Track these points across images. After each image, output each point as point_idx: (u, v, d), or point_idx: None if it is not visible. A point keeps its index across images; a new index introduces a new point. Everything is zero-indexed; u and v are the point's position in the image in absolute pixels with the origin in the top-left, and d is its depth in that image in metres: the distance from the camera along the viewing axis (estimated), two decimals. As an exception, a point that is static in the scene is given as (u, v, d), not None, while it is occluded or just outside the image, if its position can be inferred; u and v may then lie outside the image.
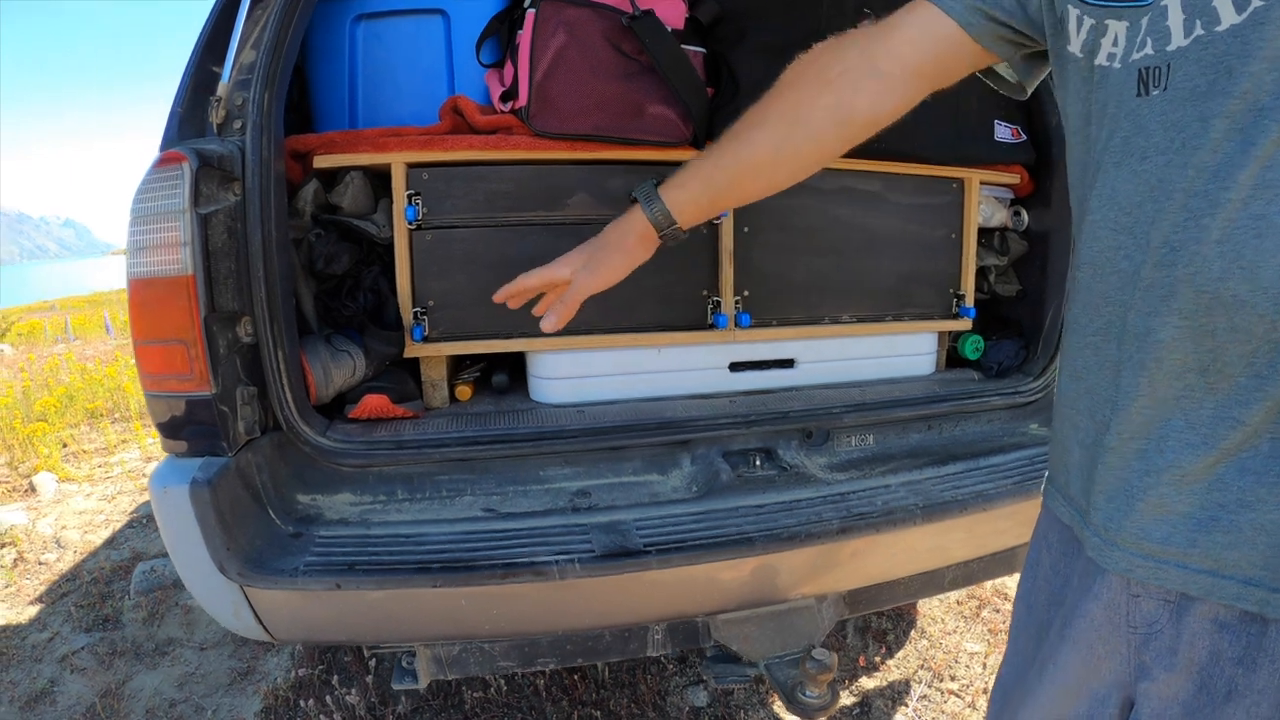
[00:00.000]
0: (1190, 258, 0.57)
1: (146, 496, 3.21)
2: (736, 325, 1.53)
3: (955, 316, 1.70)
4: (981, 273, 1.72)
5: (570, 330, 1.50)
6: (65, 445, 3.77)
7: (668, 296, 1.54)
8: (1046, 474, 0.82)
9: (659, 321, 1.53)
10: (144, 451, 3.68)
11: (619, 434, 1.43)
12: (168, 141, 1.31)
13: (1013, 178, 1.70)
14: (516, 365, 1.66)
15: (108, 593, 2.48)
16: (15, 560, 2.74)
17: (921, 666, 1.96)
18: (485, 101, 1.62)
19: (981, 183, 1.67)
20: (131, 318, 1.24)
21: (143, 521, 2.97)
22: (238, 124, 1.31)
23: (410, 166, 1.43)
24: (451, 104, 1.49)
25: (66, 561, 2.72)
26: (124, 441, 3.89)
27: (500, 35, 1.60)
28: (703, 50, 1.50)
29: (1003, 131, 1.65)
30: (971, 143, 1.61)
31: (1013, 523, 1.48)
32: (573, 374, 1.52)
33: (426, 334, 1.46)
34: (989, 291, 1.77)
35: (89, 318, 10.95)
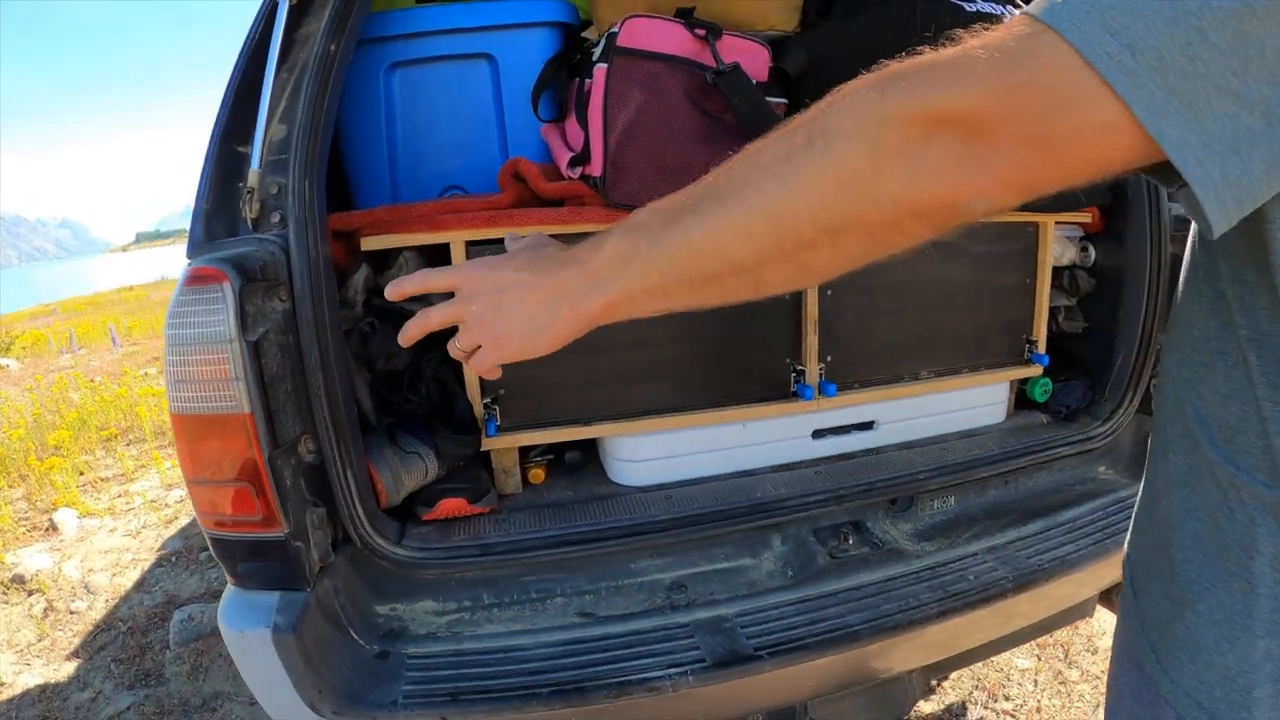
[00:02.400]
0: None
1: (172, 530, 2.95)
2: (822, 394, 1.33)
3: (1028, 363, 1.52)
4: (1050, 313, 1.55)
5: (651, 412, 1.31)
6: (81, 473, 3.45)
7: (748, 368, 1.34)
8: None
9: (741, 395, 1.33)
10: (163, 478, 3.38)
11: (710, 522, 1.24)
12: (195, 246, 1.05)
13: (1085, 217, 1.51)
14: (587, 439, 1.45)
15: (146, 644, 2.24)
16: (45, 610, 2.48)
17: (976, 687, 1.84)
18: (544, 158, 1.37)
19: (1055, 223, 1.49)
20: (181, 455, 1.01)
21: (171, 560, 2.71)
22: (275, 217, 1.06)
23: (471, 244, 1.20)
24: (513, 169, 1.25)
25: (98, 609, 2.46)
26: (142, 467, 3.57)
27: (558, 84, 1.35)
28: (785, 102, 1.27)
29: None
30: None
31: (1091, 578, 1.35)
32: (654, 455, 1.32)
33: (500, 426, 1.24)
34: (1056, 330, 1.60)
35: (92, 323, 10.31)
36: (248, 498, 1.00)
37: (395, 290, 0.67)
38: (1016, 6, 1.44)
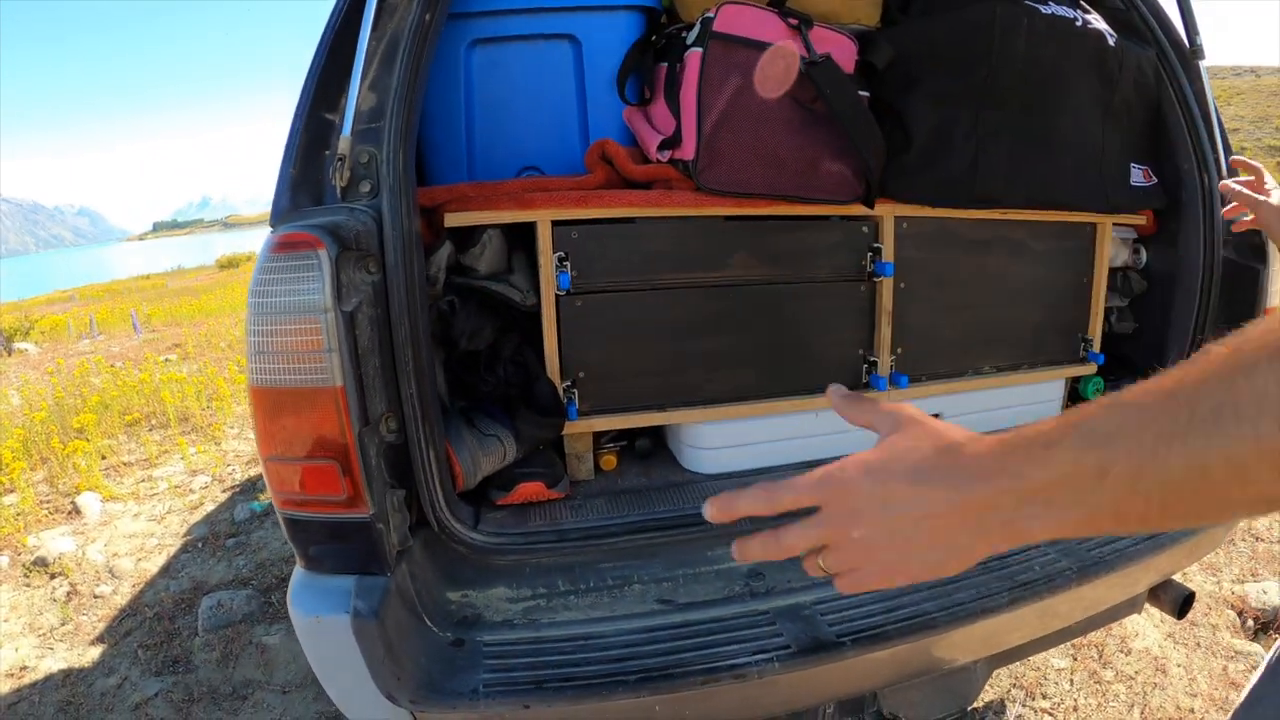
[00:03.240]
0: None
1: (197, 516, 2.85)
2: (894, 386, 1.29)
3: (1083, 361, 1.49)
4: (1104, 314, 1.52)
5: (726, 399, 1.25)
6: (104, 458, 3.33)
7: (822, 358, 1.29)
8: None
9: (814, 384, 1.28)
10: (187, 464, 3.27)
11: (787, 513, 1.18)
12: (280, 213, 0.98)
13: (1140, 219, 1.48)
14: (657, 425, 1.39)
15: (174, 630, 2.15)
16: (69, 594, 2.37)
17: (1014, 685, 1.80)
18: (628, 143, 1.32)
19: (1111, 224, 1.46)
20: (259, 430, 0.93)
21: (197, 545, 2.61)
22: (365, 186, 1.00)
23: (556, 224, 1.14)
24: (600, 150, 1.20)
25: (123, 594, 2.36)
26: (165, 452, 3.45)
27: (642, 68, 1.29)
28: (868, 96, 1.23)
29: (1137, 174, 1.43)
30: (1115, 190, 1.39)
31: (1145, 572, 1.31)
32: (728, 443, 1.27)
33: (579, 410, 1.18)
34: (1108, 330, 1.57)
35: (111, 310, 10.09)
36: (333, 476, 0.93)
37: (719, 513, 0.53)
38: (1086, 11, 1.41)
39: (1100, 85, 1.38)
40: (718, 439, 1.25)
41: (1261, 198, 1.13)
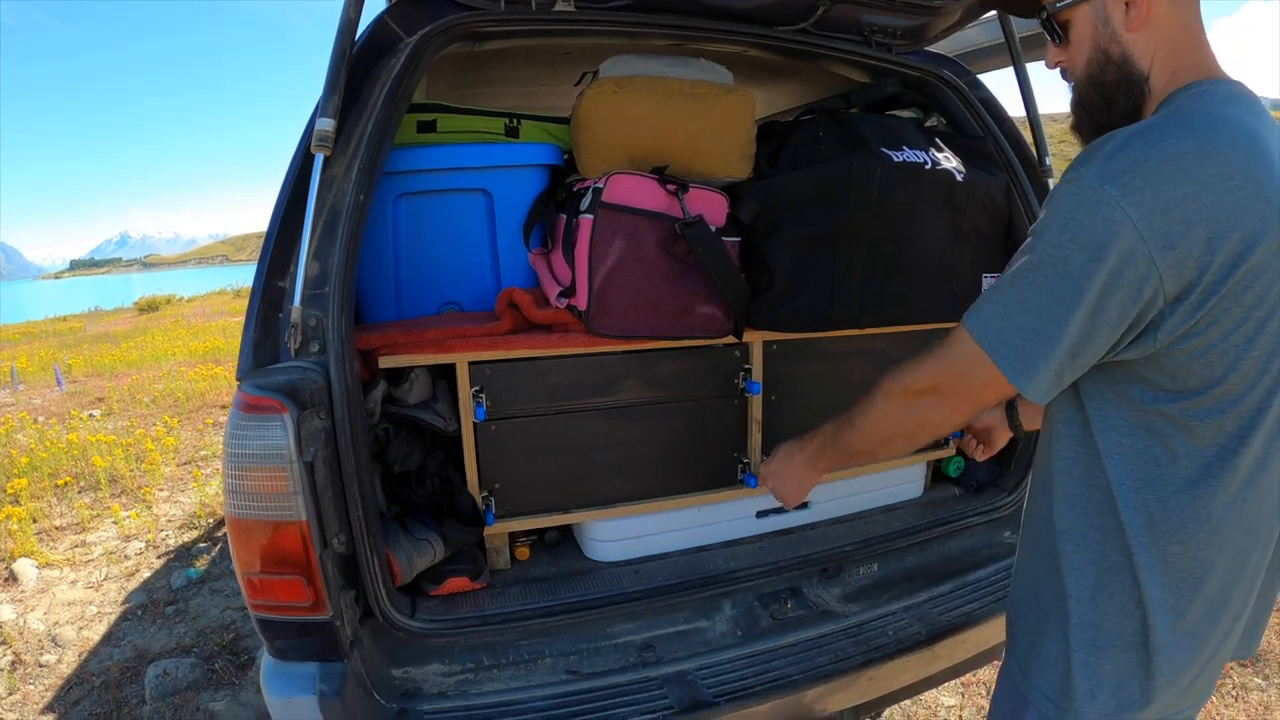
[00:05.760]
0: None
1: (134, 583, 3.18)
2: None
3: (944, 444, 1.94)
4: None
5: (620, 500, 1.67)
6: (35, 520, 3.63)
7: (703, 462, 1.71)
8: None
9: (696, 483, 1.71)
10: (121, 528, 3.59)
11: (672, 592, 1.60)
12: (245, 370, 1.34)
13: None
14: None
15: (122, 699, 2.49)
16: (13, 663, 2.69)
17: (904, 723, 2.25)
18: (528, 282, 1.73)
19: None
20: (235, 551, 1.29)
21: (137, 613, 2.95)
22: (315, 347, 1.36)
23: (472, 364, 1.54)
24: (508, 298, 1.59)
25: (68, 663, 2.69)
26: (96, 516, 3.76)
27: (545, 218, 1.70)
28: (739, 240, 1.65)
29: (988, 283, 1.87)
30: (966, 300, 1.82)
31: (997, 629, 1.74)
32: (624, 536, 1.68)
33: (496, 514, 1.58)
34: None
35: (30, 356, 10.22)
36: (299, 588, 1.31)
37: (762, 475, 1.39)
38: (939, 150, 1.84)
39: (950, 214, 1.79)
40: (615, 533, 1.67)
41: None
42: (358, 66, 1.46)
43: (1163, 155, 0.79)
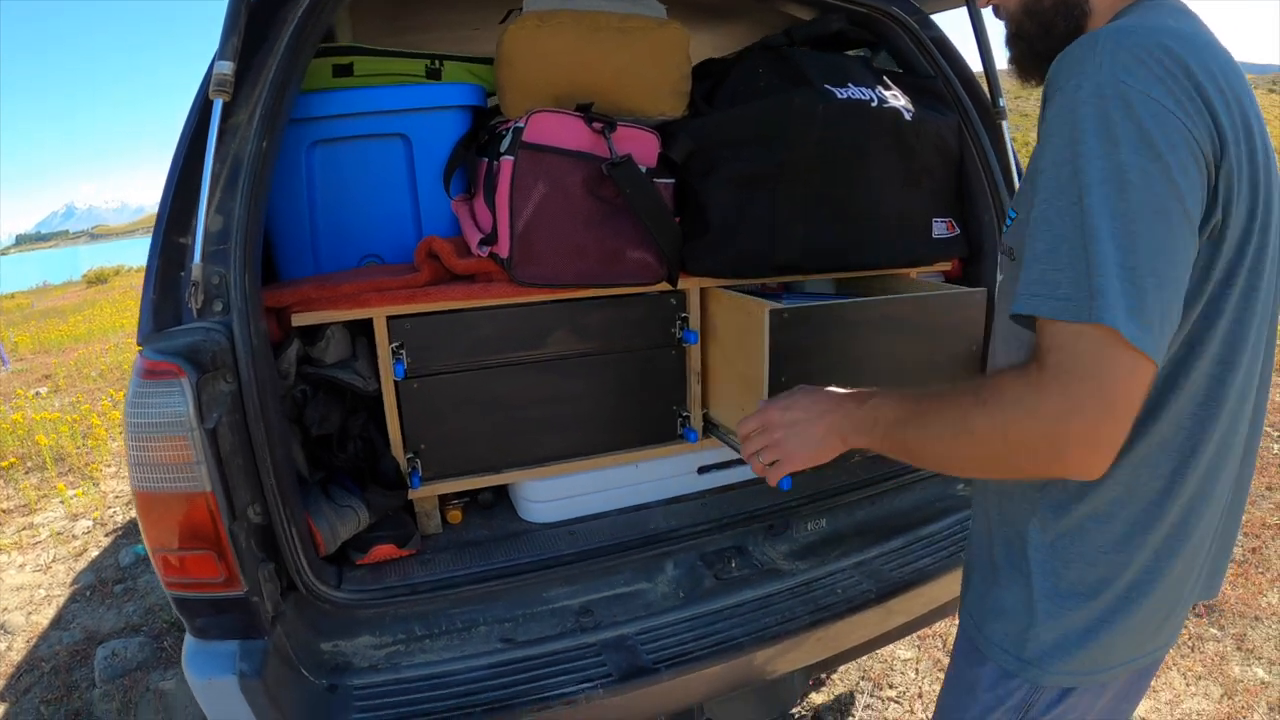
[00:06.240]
0: None
1: (83, 563, 3.10)
2: (705, 436, 1.66)
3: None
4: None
5: (554, 458, 1.60)
6: (-22, 505, 3.54)
7: (640, 416, 1.64)
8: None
9: (635, 439, 1.64)
10: (68, 507, 3.50)
11: (611, 553, 1.54)
12: (146, 335, 1.26)
13: (945, 265, 1.87)
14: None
15: (72, 683, 2.43)
16: (-41, 652, 2.63)
17: (863, 678, 2.22)
18: (452, 231, 1.64)
19: (917, 273, 1.84)
20: (144, 527, 1.23)
21: (86, 594, 2.88)
22: (218, 305, 1.27)
23: (391, 319, 1.46)
24: (427, 248, 1.51)
25: (18, 650, 2.62)
26: (44, 496, 3.66)
27: (467, 163, 1.61)
28: (673, 181, 1.56)
29: (940, 228, 1.80)
30: (916, 245, 1.76)
31: (953, 584, 1.70)
32: (559, 495, 1.61)
33: (423, 477, 1.52)
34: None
35: None
36: (210, 563, 1.23)
37: (741, 429, 1.06)
38: (887, 88, 1.76)
39: (899, 156, 1.71)
40: (550, 493, 1.61)
41: None
42: (262, 5, 1.35)
43: (1154, 41, 0.71)
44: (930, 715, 2.06)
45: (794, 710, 2.08)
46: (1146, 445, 0.82)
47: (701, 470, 1.73)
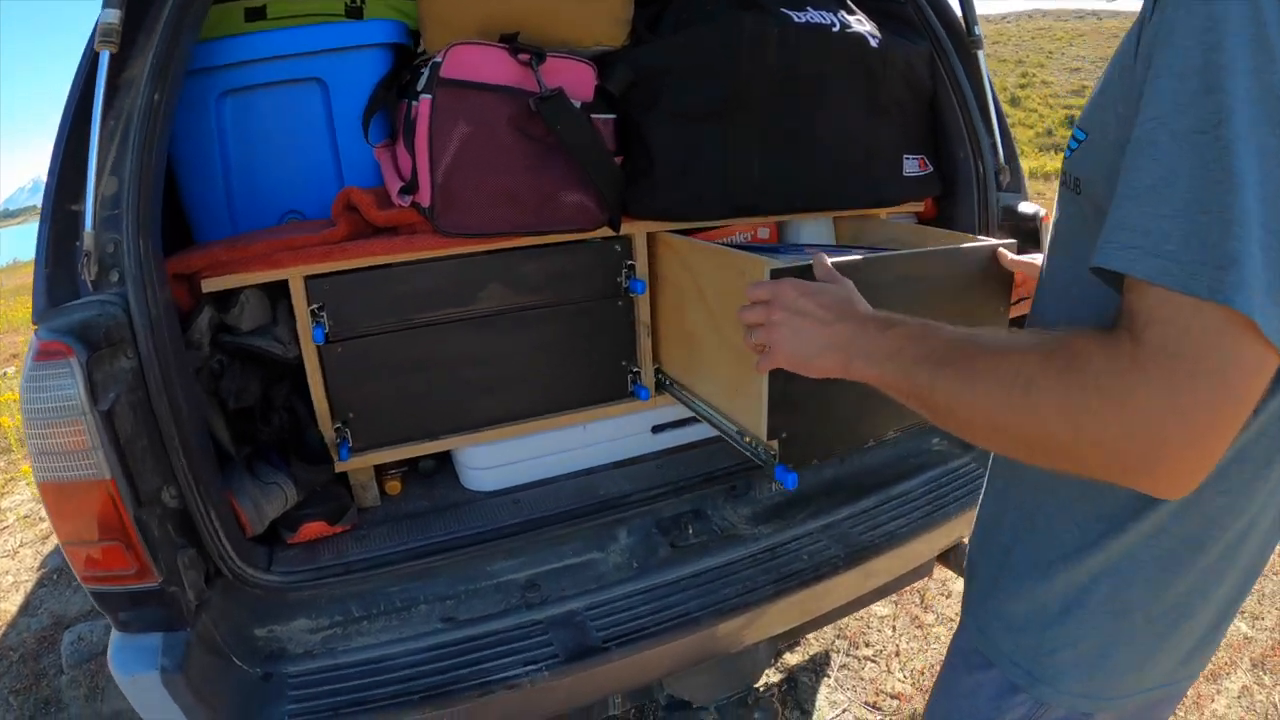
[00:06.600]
0: None
1: (49, 546, 3.04)
2: (659, 393, 1.55)
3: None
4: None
5: (495, 421, 1.50)
6: (-56, 490, 3.48)
7: (587, 373, 1.53)
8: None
9: (582, 398, 1.54)
10: (34, 491, 3.43)
11: (558, 522, 1.45)
12: (39, 313, 1.15)
13: (918, 205, 1.74)
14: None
15: (40, 670, 2.37)
16: (-74, 643, 2.57)
17: (838, 636, 2.15)
18: (377, 182, 1.52)
19: (888, 214, 1.72)
20: (51, 519, 1.15)
21: (53, 578, 2.81)
22: (115, 275, 1.16)
23: (309, 279, 1.35)
24: (345, 200, 1.39)
25: (-16, 637, 2.57)
26: (10, 480, 3.60)
27: (389, 105, 1.48)
28: (614, 117, 1.44)
29: (911, 165, 1.68)
30: (886, 183, 1.63)
31: (926, 545, 1.60)
32: (503, 461, 1.52)
33: (352, 448, 1.42)
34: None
35: None
36: (119, 554, 1.13)
37: (749, 292, 0.90)
38: (850, 12, 1.62)
39: (866, 85, 1.58)
40: (492, 459, 1.51)
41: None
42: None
43: None
44: (907, 674, 1.99)
45: (767, 670, 2.01)
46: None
47: (656, 430, 1.63)
